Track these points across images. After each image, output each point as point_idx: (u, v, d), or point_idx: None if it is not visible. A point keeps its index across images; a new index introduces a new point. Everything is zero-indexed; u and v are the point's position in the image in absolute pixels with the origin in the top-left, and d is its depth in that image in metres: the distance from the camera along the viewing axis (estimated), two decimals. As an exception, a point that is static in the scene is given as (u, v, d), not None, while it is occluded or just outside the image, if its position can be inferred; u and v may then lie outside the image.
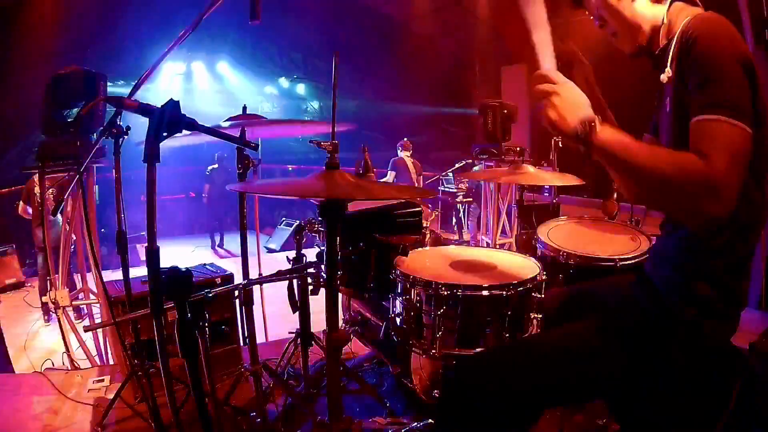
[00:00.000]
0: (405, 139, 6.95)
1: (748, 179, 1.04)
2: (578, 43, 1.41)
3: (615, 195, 2.85)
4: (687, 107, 1.06)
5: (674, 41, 1.14)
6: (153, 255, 1.06)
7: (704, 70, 1.02)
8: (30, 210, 4.70)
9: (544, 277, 1.60)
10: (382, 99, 9.53)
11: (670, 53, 1.15)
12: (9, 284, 5.74)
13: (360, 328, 2.41)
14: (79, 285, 3.56)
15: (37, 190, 4.53)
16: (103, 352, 3.17)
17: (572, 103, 1.05)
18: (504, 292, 1.49)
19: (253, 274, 2.21)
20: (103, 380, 2.65)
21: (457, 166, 6.07)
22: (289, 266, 1.97)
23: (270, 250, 7.84)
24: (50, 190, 3.94)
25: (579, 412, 2.13)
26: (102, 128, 1.71)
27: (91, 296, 3.43)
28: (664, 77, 1.18)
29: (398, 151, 6.90)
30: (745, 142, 0.97)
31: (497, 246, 4.30)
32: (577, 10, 1.32)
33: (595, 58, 1.42)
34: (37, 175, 4.45)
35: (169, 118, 1.06)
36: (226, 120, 2.05)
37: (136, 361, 2.14)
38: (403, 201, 2.02)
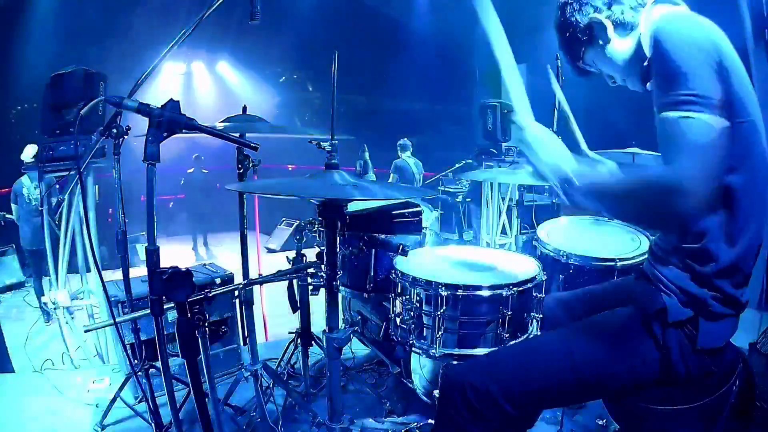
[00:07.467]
0: (405, 138, 6.84)
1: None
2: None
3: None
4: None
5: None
6: (153, 255, 1.06)
7: (665, 66, 1.01)
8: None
9: (544, 277, 1.60)
10: (382, 98, 9.53)
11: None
12: (9, 284, 5.74)
13: (360, 328, 2.41)
14: (79, 285, 3.55)
15: (24, 191, 4.55)
16: (103, 352, 3.17)
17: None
18: (504, 292, 1.49)
19: (253, 274, 2.21)
20: (103, 380, 2.65)
21: (456, 166, 6.06)
22: (289, 266, 1.97)
23: (270, 250, 7.83)
24: (45, 190, 3.92)
25: (579, 412, 2.13)
26: (102, 128, 1.70)
27: (91, 296, 3.43)
28: (649, 85, 1.17)
29: (398, 153, 6.77)
30: (710, 132, 0.96)
31: (497, 246, 4.30)
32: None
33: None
34: (24, 176, 4.48)
35: (169, 118, 1.06)
36: (223, 120, 2.03)
37: (136, 361, 2.14)
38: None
